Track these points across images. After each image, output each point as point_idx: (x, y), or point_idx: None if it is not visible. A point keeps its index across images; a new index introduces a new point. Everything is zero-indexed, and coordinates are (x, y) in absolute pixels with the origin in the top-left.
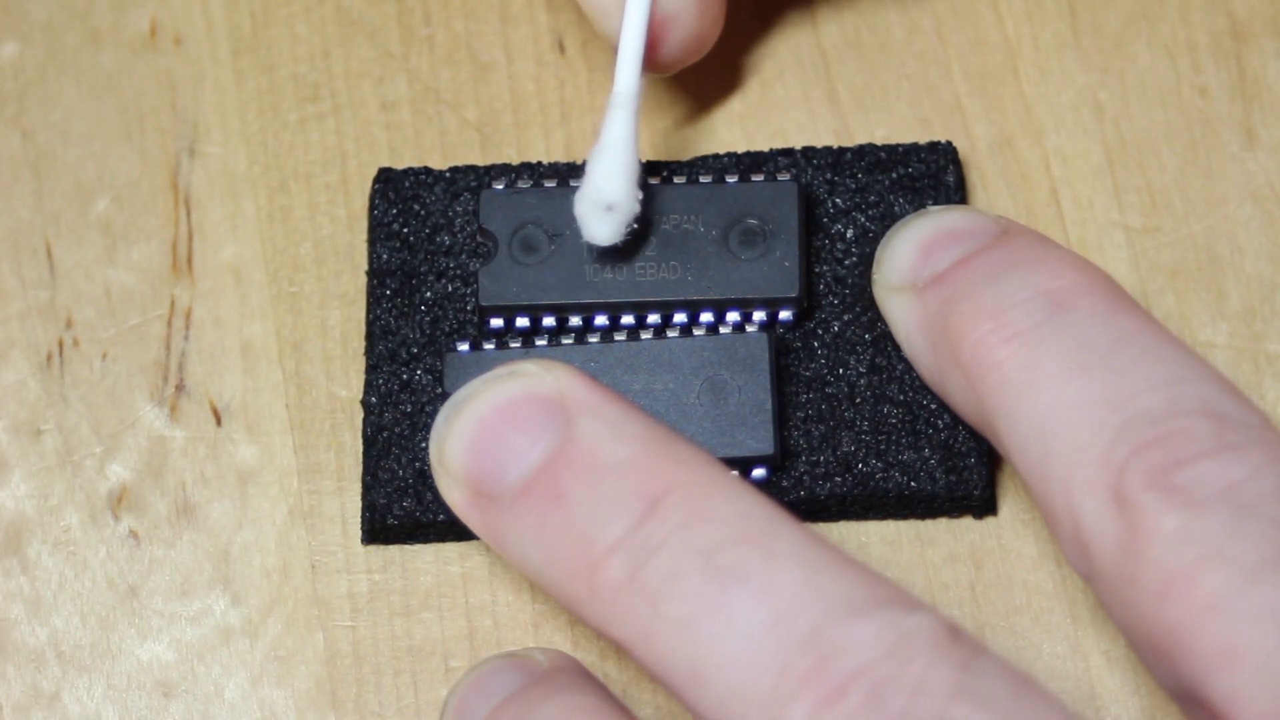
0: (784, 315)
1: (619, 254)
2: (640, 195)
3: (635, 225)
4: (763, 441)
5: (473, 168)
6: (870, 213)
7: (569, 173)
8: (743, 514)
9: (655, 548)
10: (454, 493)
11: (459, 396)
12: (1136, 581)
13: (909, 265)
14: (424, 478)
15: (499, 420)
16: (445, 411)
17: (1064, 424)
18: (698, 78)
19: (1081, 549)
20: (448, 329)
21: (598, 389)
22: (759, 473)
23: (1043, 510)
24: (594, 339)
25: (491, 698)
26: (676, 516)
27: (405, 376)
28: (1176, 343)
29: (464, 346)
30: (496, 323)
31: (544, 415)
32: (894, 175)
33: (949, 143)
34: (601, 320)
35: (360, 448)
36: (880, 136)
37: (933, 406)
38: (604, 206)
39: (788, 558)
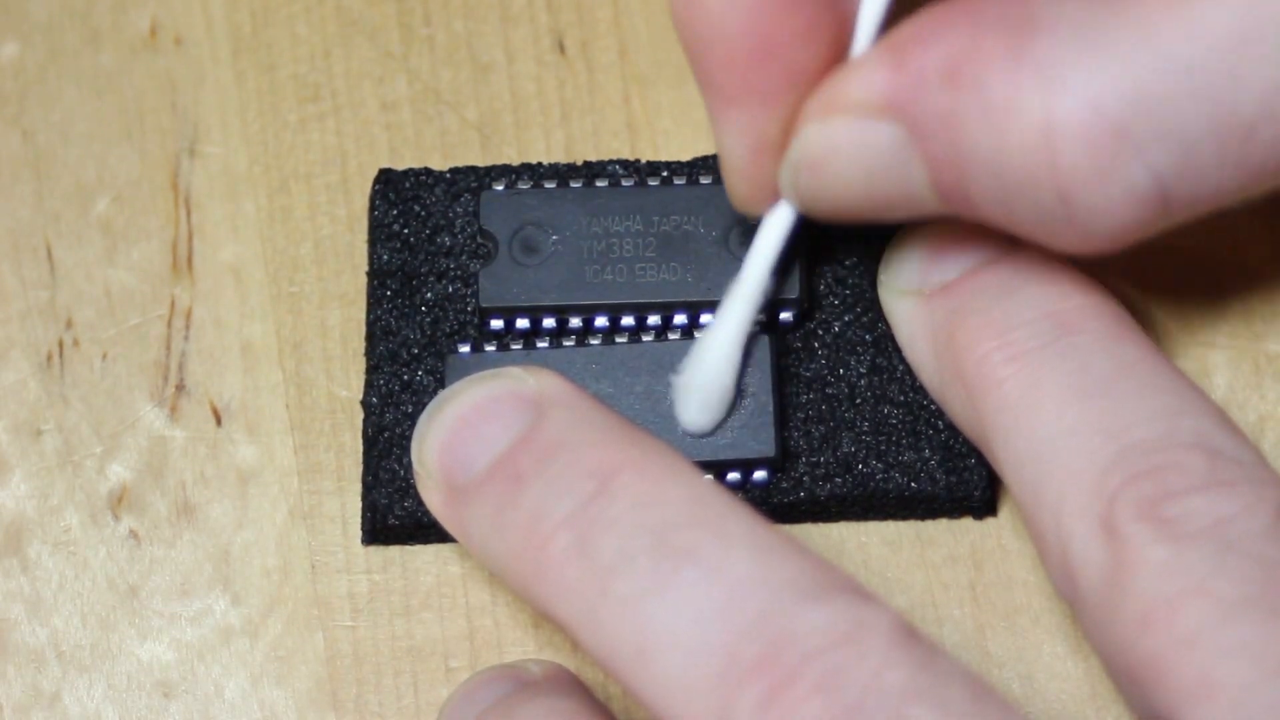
0: (784, 316)
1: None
2: (735, 381)
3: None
4: (764, 443)
5: (473, 169)
6: None
7: (569, 173)
8: (697, 497)
9: (606, 525)
10: (432, 494)
11: (441, 397)
12: (1118, 611)
13: (917, 270)
14: None
15: (475, 415)
16: (427, 411)
17: (1059, 449)
18: None
19: (1067, 574)
20: (448, 330)
21: (577, 390)
22: (760, 475)
23: (1031, 532)
24: (595, 340)
25: (478, 705)
26: (628, 496)
27: (406, 377)
28: (1177, 374)
29: (465, 349)
30: (497, 324)
31: (518, 408)
32: None
33: None
34: (602, 321)
35: (360, 448)
36: None
37: (933, 407)
38: (700, 392)
39: (740, 541)
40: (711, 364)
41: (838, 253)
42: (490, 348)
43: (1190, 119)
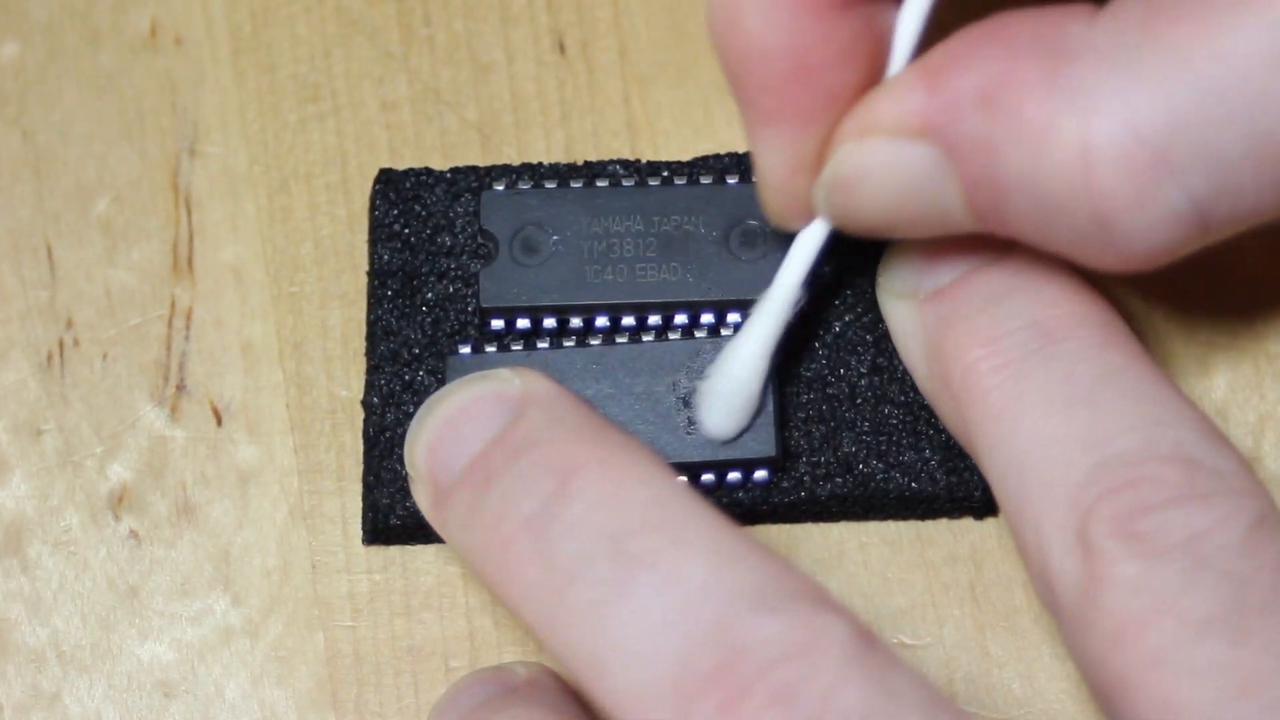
0: None
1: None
2: (761, 389)
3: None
4: (765, 443)
5: (473, 168)
6: None
7: (569, 173)
8: (657, 499)
9: (564, 529)
10: (421, 496)
11: (431, 400)
12: (1092, 626)
13: (912, 274)
14: None
15: (459, 416)
16: (418, 414)
17: (1039, 460)
18: (698, 78)
19: (1047, 586)
20: (449, 330)
21: (559, 389)
22: (761, 474)
23: (1016, 542)
24: (595, 341)
25: (462, 709)
26: (587, 496)
27: (407, 377)
28: (1162, 382)
29: (466, 349)
30: (497, 324)
31: (499, 409)
32: None
33: None
34: (602, 321)
35: (360, 448)
36: None
37: None
38: (726, 399)
39: (697, 546)
40: (738, 372)
41: (839, 253)
42: (491, 348)
43: (1227, 141)
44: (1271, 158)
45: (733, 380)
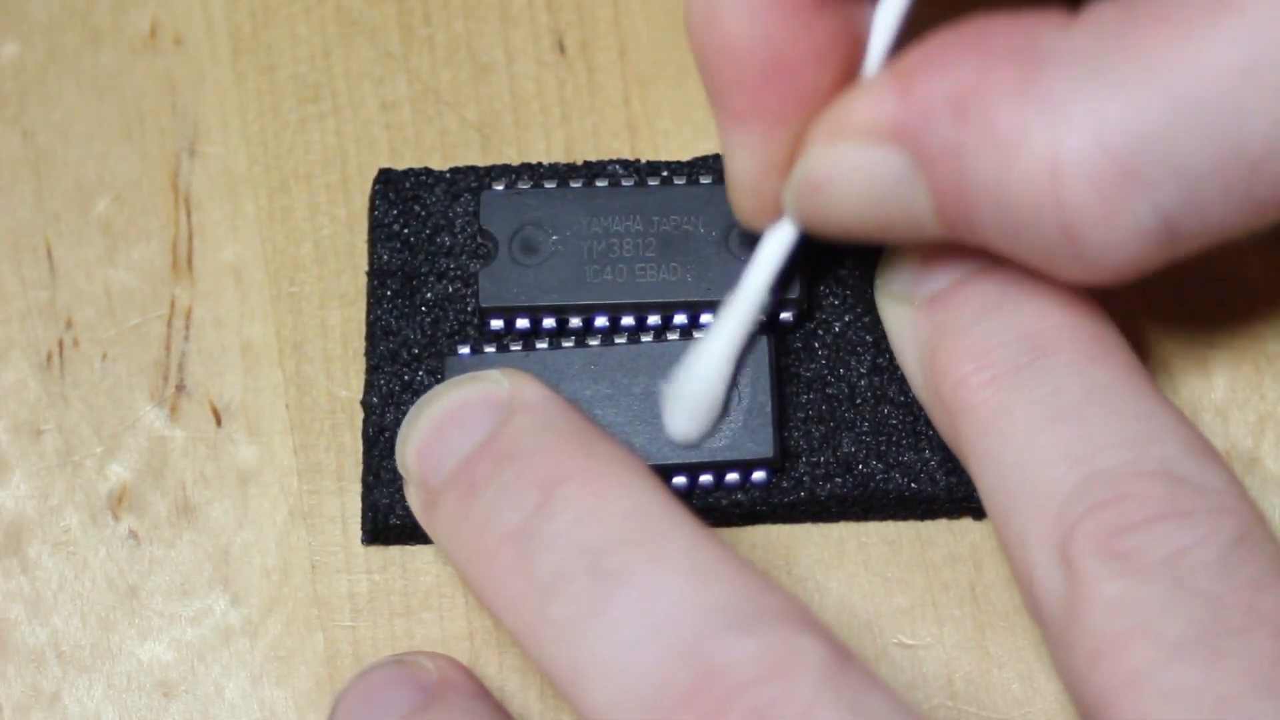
0: (784, 316)
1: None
2: (725, 393)
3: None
4: (763, 444)
5: (473, 168)
6: None
7: (569, 173)
8: (637, 511)
9: (546, 543)
10: (413, 498)
11: (421, 401)
12: (1073, 645)
13: (909, 277)
14: None
15: (447, 419)
16: (409, 415)
17: (1026, 476)
18: (698, 78)
19: (1033, 601)
20: (448, 330)
21: (547, 394)
22: (759, 475)
23: (1006, 556)
24: (594, 341)
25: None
26: (570, 510)
27: (406, 377)
28: (1151, 396)
29: (464, 350)
30: (496, 324)
31: (486, 412)
32: None
33: None
34: (602, 322)
35: (360, 448)
36: None
37: None
38: (689, 402)
39: (676, 562)
40: (702, 374)
41: (839, 253)
42: (490, 349)
43: (1197, 156)
44: (1240, 174)
45: (696, 384)
